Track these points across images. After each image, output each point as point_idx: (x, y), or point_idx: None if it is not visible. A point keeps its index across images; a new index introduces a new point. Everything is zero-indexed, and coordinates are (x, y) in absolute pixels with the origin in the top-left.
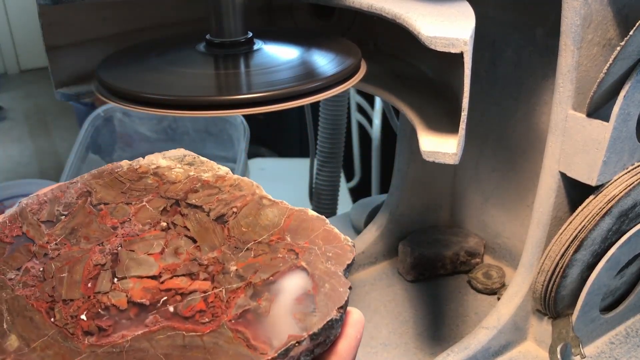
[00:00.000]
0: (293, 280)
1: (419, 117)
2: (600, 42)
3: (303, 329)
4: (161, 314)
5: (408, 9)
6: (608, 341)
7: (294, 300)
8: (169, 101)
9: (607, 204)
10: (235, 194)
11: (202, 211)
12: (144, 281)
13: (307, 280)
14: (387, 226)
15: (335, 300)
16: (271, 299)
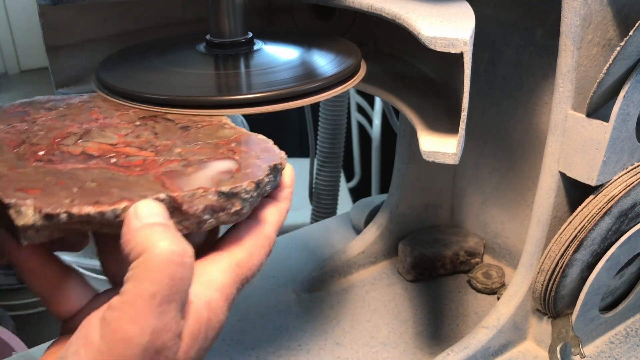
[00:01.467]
0: (222, 163)
1: (419, 117)
2: (600, 42)
3: (213, 185)
4: (104, 161)
5: (408, 9)
6: (608, 341)
7: (216, 172)
8: (169, 101)
9: (606, 204)
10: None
11: (172, 122)
12: (102, 145)
13: (234, 165)
14: (387, 226)
15: (252, 177)
16: (198, 169)
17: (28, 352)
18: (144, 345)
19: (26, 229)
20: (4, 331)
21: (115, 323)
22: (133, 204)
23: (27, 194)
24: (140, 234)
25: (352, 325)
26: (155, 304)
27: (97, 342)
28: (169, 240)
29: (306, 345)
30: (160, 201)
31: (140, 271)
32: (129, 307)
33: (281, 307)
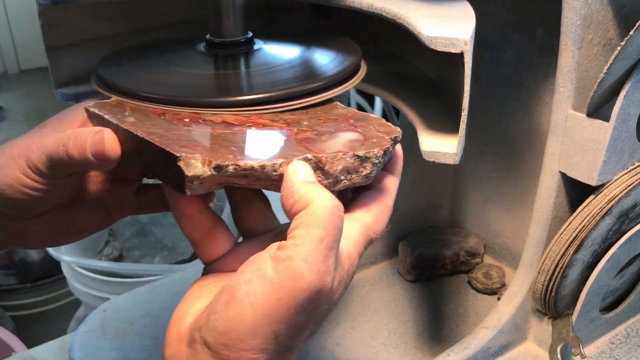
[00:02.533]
0: (350, 134)
1: (419, 117)
2: (600, 42)
3: (350, 150)
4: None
5: (408, 9)
6: (608, 341)
7: (347, 140)
8: (168, 101)
9: (607, 204)
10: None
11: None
12: (237, 117)
13: (360, 136)
14: None
15: (379, 145)
16: (331, 137)
17: (28, 352)
18: (311, 283)
19: (193, 179)
20: (4, 331)
21: (289, 260)
22: (289, 162)
23: (192, 150)
24: (303, 189)
25: (352, 325)
26: (323, 248)
27: (270, 274)
28: (329, 195)
29: (306, 345)
30: (309, 160)
31: (310, 219)
32: (300, 247)
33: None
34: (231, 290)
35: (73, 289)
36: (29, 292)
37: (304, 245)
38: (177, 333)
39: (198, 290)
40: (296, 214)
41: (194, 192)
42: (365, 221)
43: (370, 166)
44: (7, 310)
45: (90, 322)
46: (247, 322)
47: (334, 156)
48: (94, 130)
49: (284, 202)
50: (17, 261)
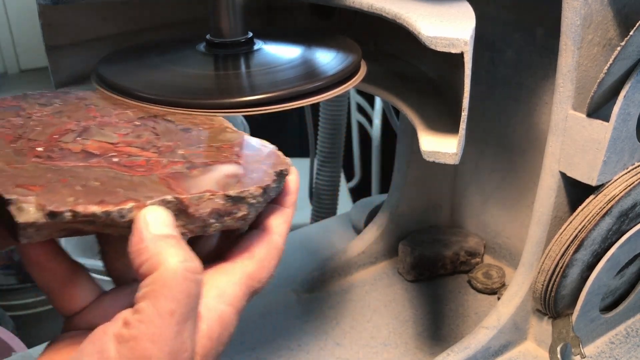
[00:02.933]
0: (228, 167)
1: (419, 117)
2: (600, 42)
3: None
4: (106, 160)
5: (408, 9)
6: (608, 341)
7: (223, 175)
8: (169, 101)
9: (607, 204)
10: (205, 121)
11: (172, 123)
12: (102, 144)
13: (240, 170)
14: (387, 226)
15: (259, 183)
16: (204, 172)
17: (28, 352)
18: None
19: (27, 226)
20: (3, 331)
21: (133, 341)
22: (142, 210)
23: (28, 190)
24: (153, 246)
25: (352, 325)
26: (174, 323)
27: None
28: (182, 256)
29: (306, 345)
30: (167, 203)
31: (157, 288)
32: (147, 325)
33: (281, 307)
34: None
35: None
36: (29, 292)
37: (150, 321)
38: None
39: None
40: (143, 276)
41: (30, 240)
42: (247, 270)
43: (245, 207)
44: (7, 310)
45: None
46: None
47: (199, 197)
48: None
49: (131, 259)
50: (17, 261)
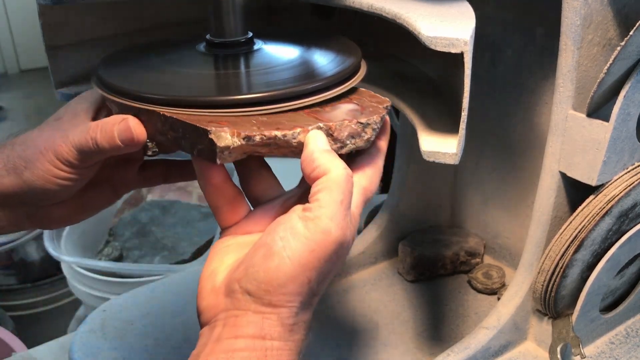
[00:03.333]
0: (348, 105)
1: (419, 117)
2: (600, 42)
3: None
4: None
5: (408, 9)
6: (608, 341)
7: (348, 110)
8: (168, 100)
9: (607, 204)
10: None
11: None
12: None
13: (357, 106)
14: (387, 226)
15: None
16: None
17: (28, 352)
18: (337, 237)
19: (224, 150)
20: (4, 331)
21: (317, 219)
22: (309, 132)
23: (219, 125)
24: (322, 157)
25: (352, 325)
26: (343, 208)
27: (302, 231)
28: (344, 165)
29: (306, 345)
30: (321, 128)
31: (331, 184)
32: (325, 209)
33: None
34: (268, 246)
35: (73, 289)
36: (29, 292)
37: (328, 206)
38: (211, 287)
39: (221, 250)
40: (315, 179)
41: (224, 161)
42: (362, 184)
43: (370, 131)
44: (7, 310)
45: (90, 322)
46: (286, 271)
47: (341, 124)
48: (117, 119)
49: (304, 166)
50: (17, 261)
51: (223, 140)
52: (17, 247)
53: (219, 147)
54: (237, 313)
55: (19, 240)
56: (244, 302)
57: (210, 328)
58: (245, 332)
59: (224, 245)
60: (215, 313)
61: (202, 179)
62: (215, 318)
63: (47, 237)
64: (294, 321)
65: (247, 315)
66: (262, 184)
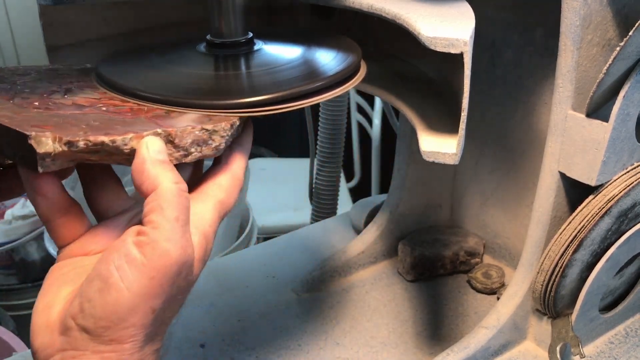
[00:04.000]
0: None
1: (418, 117)
2: (599, 43)
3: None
4: (96, 109)
5: (408, 9)
6: (607, 341)
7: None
8: (168, 101)
9: (606, 204)
10: None
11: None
12: (87, 99)
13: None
14: (387, 226)
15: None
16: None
17: (28, 352)
18: (178, 257)
19: (45, 156)
20: (4, 331)
21: (153, 243)
22: (143, 139)
23: (42, 129)
24: (152, 168)
25: (352, 325)
26: (180, 226)
27: (139, 258)
28: (176, 178)
29: (306, 345)
30: (158, 134)
31: (161, 202)
32: (160, 230)
33: (281, 307)
34: (103, 277)
35: None
36: (30, 292)
37: (162, 227)
38: (45, 323)
39: (58, 278)
40: (145, 193)
41: (46, 169)
42: (217, 197)
43: (219, 138)
44: (7, 310)
45: None
46: (125, 304)
47: (183, 129)
48: None
49: (134, 177)
50: (18, 261)
51: (43, 146)
52: (17, 247)
53: (39, 154)
54: (74, 354)
55: (19, 240)
56: (82, 341)
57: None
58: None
59: (60, 272)
60: (50, 353)
61: (29, 189)
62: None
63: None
64: (140, 356)
65: (84, 357)
66: (108, 195)
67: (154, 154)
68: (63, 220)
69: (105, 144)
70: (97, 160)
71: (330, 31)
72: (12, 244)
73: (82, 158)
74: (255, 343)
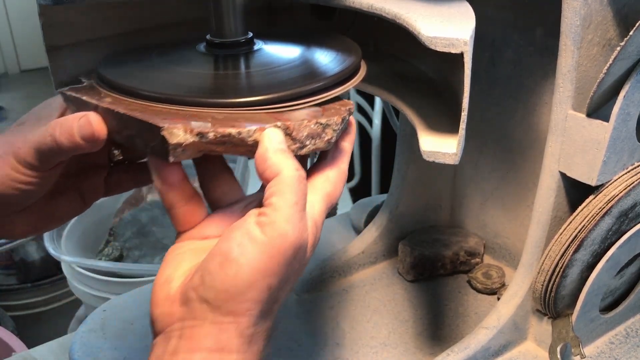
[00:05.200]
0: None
1: (419, 117)
2: (600, 42)
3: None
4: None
5: (408, 9)
6: (608, 341)
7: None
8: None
9: (607, 204)
10: None
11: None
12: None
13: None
14: (387, 226)
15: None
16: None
17: (28, 352)
18: (295, 240)
19: (177, 146)
20: (4, 331)
21: (274, 224)
22: (265, 130)
23: (173, 122)
24: (274, 157)
25: (352, 325)
26: (298, 210)
27: (259, 236)
28: (296, 165)
29: (306, 345)
30: (278, 127)
31: (282, 187)
32: (280, 212)
33: (281, 307)
34: (224, 253)
35: (73, 289)
36: (29, 292)
37: (282, 209)
38: (166, 295)
39: (177, 256)
40: (267, 179)
41: (177, 158)
42: (326, 189)
43: (331, 132)
44: (7, 310)
45: (90, 322)
46: (245, 279)
47: (299, 123)
48: (78, 115)
49: (257, 165)
50: (17, 261)
51: (175, 137)
52: (17, 247)
53: (171, 144)
54: (194, 323)
55: (19, 240)
56: (201, 312)
57: (166, 339)
58: (202, 345)
59: (180, 250)
60: (170, 322)
61: (157, 178)
62: (171, 328)
63: (47, 237)
64: (253, 331)
65: (204, 327)
66: (222, 186)
67: (276, 144)
68: (186, 208)
69: (232, 136)
70: (222, 151)
71: (330, 31)
72: (12, 244)
73: (209, 149)
74: None
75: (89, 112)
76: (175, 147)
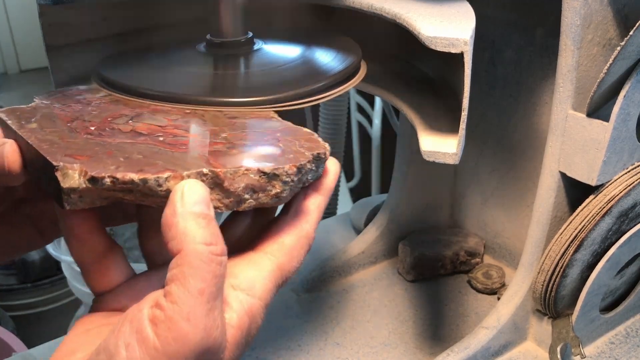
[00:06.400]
0: (266, 148)
1: (419, 117)
2: (600, 42)
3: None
4: (152, 138)
5: (408, 9)
6: (608, 341)
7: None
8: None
9: (607, 204)
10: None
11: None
12: (151, 126)
13: (277, 150)
14: (387, 226)
15: (294, 162)
16: (242, 151)
17: (28, 352)
18: (198, 342)
19: (70, 192)
20: (4, 331)
21: (169, 322)
22: (180, 183)
23: (74, 159)
24: (182, 223)
25: (352, 325)
26: (204, 301)
27: (151, 339)
28: (208, 239)
29: (306, 345)
30: (203, 175)
31: (184, 270)
32: (180, 306)
33: (281, 307)
34: (109, 353)
35: (73, 289)
36: (29, 292)
37: (183, 302)
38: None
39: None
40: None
41: (73, 206)
42: (278, 261)
43: (280, 185)
44: (7, 310)
45: None
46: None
47: (234, 172)
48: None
49: (162, 231)
50: (17, 261)
51: (69, 180)
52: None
53: (64, 189)
54: None
55: None
56: None
57: None
58: None
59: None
60: None
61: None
62: None
63: None
64: None
65: None
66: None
67: (189, 205)
68: (98, 267)
69: (135, 183)
70: (133, 200)
71: (330, 31)
72: None
73: (114, 197)
74: (255, 343)
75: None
76: (68, 192)
